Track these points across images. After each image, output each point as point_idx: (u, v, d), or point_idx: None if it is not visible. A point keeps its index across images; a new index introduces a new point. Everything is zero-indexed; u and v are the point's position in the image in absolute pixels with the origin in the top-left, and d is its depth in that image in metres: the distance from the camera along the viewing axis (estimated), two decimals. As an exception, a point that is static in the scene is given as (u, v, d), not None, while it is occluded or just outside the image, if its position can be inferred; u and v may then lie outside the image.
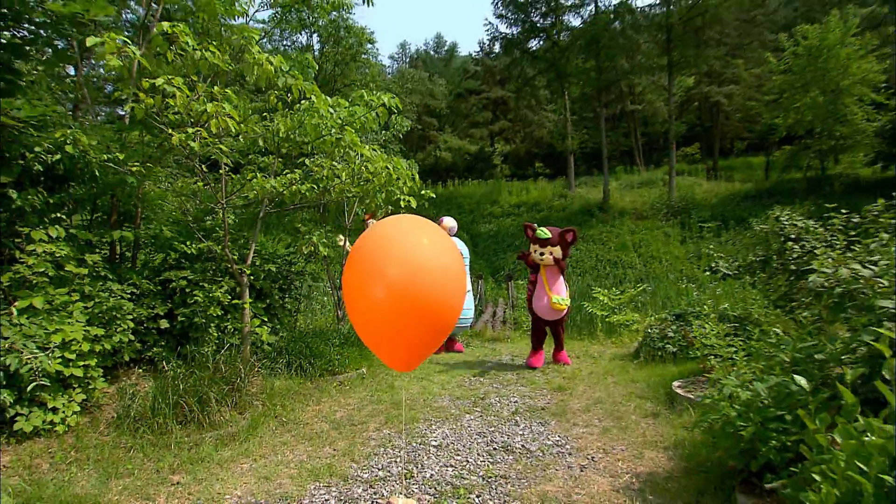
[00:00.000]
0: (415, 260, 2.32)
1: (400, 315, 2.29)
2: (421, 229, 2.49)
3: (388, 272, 2.29)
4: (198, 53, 3.57)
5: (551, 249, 5.79)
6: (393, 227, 2.50)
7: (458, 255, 2.59)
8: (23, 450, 3.27)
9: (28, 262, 3.54)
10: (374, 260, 2.35)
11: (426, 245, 2.40)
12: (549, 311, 5.77)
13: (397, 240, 2.40)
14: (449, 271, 2.42)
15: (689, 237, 15.60)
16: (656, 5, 18.69)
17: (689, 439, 3.30)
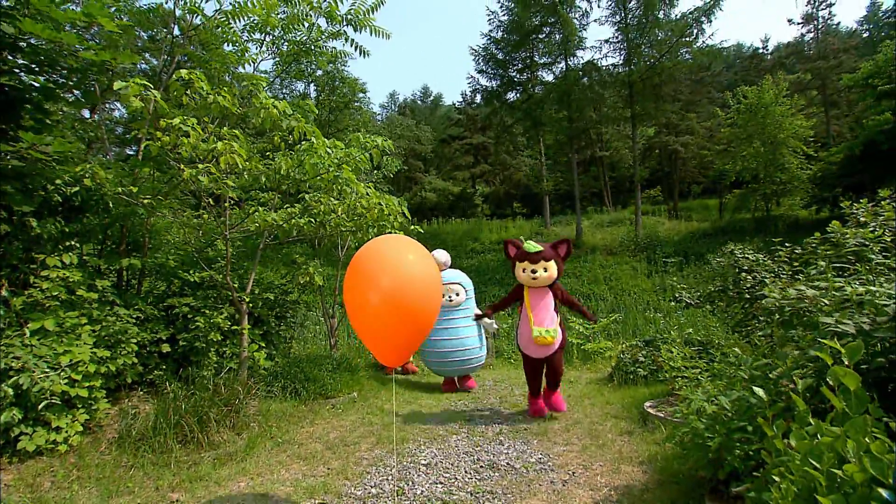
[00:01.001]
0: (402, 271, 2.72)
1: (390, 317, 2.66)
2: (406, 247, 2.90)
3: (382, 282, 2.66)
4: (210, 97, 3.68)
5: (545, 265, 4.45)
6: (384, 244, 2.92)
7: (435, 269, 2.98)
8: (25, 468, 3.14)
9: (42, 286, 3.49)
10: (370, 271, 2.72)
11: (411, 260, 2.79)
12: (533, 347, 4.45)
13: (389, 255, 2.80)
14: (428, 282, 2.81)
15: (654, 271, 15.93)
16: (619, 65, 19.70)
17: (662, 454, 3.34)
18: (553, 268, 4.45)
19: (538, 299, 4.46)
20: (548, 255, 4.47)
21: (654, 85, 19.30)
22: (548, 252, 4.50)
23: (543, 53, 21.41)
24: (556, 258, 4.48)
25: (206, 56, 4.60)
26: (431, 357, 6.02)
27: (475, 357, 6.08)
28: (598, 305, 12.97)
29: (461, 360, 5.93)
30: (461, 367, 6.00)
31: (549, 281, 4.46)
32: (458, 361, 5.91)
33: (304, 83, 18.22)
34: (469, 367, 6.06)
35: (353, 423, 4.68)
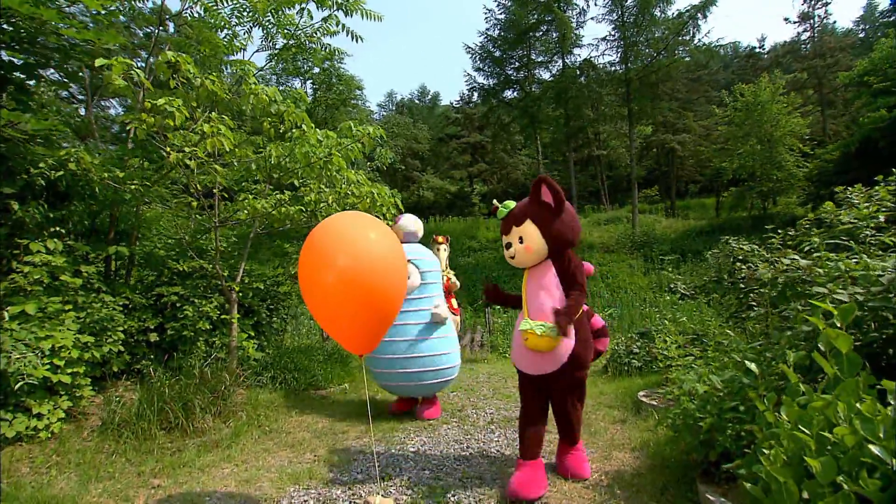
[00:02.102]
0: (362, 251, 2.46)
1: (348, 300, 2.43)
2: (368, 225, 2.64)
3: (338, 262, 2.42)
4: (198, 80, 3.61)
5: (519, 232, 2.88)
6: (344, 221, 2.65)
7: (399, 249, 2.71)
8: (3, 455, 3.07)
9: (24, 270, 3.42)
10: (326, 251, 2.48)
11: (373, 239, 2.54)
12: (523, 352, 2.85)
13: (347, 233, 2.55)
14: (391, 262, 2.57)
15: (651, 268, 15.92)
16: (616, 63, 19.70)
17: (654, 440, 3.28)
18: (533, 234, 2.80)
19: (535, 282, 2.89)
20: (517, 215, 2.88)
21: (651, 83, 19.32)
22: (517, 211, 2.90)
23: (540, 52, 21.43)
24: (535, 216, 2.82)
25: (193, 41, 4.53)
26: (376, 366, 4.24)
27: (439, 368, 4.13)
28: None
29: (415, 371, 4.09)
30: (417, 384, 4.16)
31: (534, 256, 2.85)
32: (410, 375, 4.10)
33: (301, 80, 18.15)
34: (430, 384, 4.18)
35: (343, 413, 4.61)
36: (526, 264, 3.00)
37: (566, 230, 2.86)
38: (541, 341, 2.68)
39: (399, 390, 4.36)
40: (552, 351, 2.74)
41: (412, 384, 4.19)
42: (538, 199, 2.87)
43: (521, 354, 2.91)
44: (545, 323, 2.70)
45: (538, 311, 2.83)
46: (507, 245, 3.02)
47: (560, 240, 2.85)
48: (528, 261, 2.94)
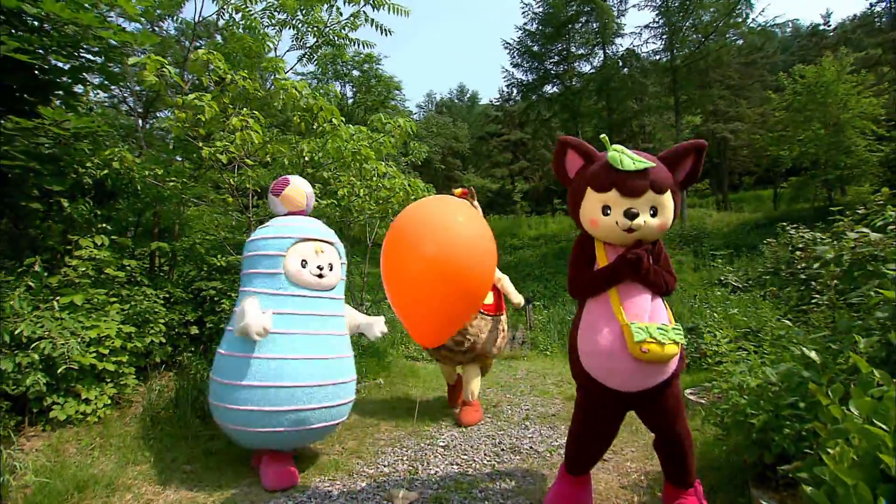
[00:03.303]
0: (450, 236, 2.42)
1: (435, 287, 2.36)
2: (455, 208, 2.62)
3: (425, 248, 2.36)
4: (228, 77, 3.67)
5: (655, 202, 2.11)
6: (430, 205, 2.69)
7: (488, 233, 2.66)
8: (56, 436, 3.22)
9: (73, 264, 3.60)
10: (413, 236, 2.45)
11: (461, 222, 2.51)
12: (626, 366, 2.03)
13: (435, 217, 2.54)
14: (479, 247, 2.52)
15: (701, 264, 14.99)
16: (661, 51, 18.74)
17: (702, 439, 2.99)
18: (670, 209, 2.15)
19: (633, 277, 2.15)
20: (661, 179, 2.08)
21: (699, 70, 18.25)
22: (660, 174, 2.10)
23: (580, 44, 20.77)
24: (677, 188, 2.17)
25: (228, 42, 4.65)
26: (226, 398, 2.65)
27: (334, 405, 2.84)
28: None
29: (297, 410, 2.64)
30: (295, 430, 2.67)
31: (658, 234, 2.19)
32: (287, 416, 2.62)
33: (340, 84, 18.54)
34: (313, 430, 2.77)
35: (376, 406, 4.57)
36: (633, 242, 2.19)
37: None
38: (666, 350, 1.97)
39: (259, 440, 2.68)
40: (671, 357, 2.02)
41: (285, 431, 2.63)
42: (687, 168, 2.17)
43: (614, 368, 2.06)
44: (666, 325, 2.03)
45: (642, 308, 2.08)
46: (628, 212, 2.08)
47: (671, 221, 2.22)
48: (646, 238, 2.19)
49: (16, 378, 3.02)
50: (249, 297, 2.77)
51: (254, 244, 2.96)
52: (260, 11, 4.78)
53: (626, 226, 2.10)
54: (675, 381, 2.15)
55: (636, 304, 2.11)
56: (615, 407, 2.20)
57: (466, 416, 3.99)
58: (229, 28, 4.81)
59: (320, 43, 5.99)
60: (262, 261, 2.88)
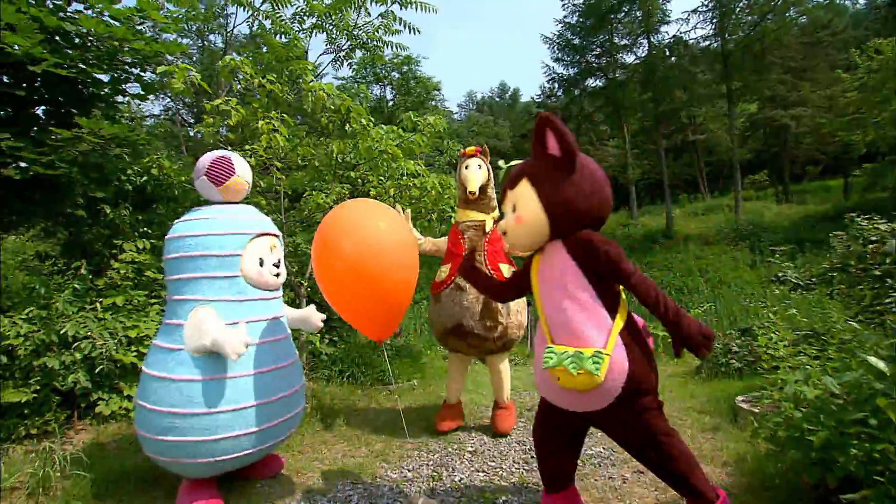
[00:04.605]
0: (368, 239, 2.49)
1: (355, 286, 2.49)
2: (377, 213, 2.66)
3: (344, 248, 2.43)
4: (256, 81, 3.71)
5: (512, 198, 2.01)
6: (352, 208, 2.69)
7: (409, 238, 2.77)
8: (100, 430, 3.37)
9: (115, 266, 3.76)
10: (333, 237, 2.51)
11: (382, 227, 2.54)
12: (555, 388, 1.92)
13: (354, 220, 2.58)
14: (398, 250, 2.58)
15: (759, 261, 13.94)
16: (710, 36, 17.60)
17: (753, 454, 2.68)
18: (527, 199, 1.92)
19: (552, 283, 1.94)
20: (514, 174, 2.03)
21: (754, 54, 16.98)
22: (515, 169, 2.06)
23: (623, 34, 19.94)
24: (533, 174, 1.94)
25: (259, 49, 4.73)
26: (147, 427, 2.30)
27: (282, 420, 2.53)
28: (692, 299, 11.61)
29: (237, 437, 2.31)
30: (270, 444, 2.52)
31: (527, 233, 1.96)
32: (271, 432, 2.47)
33: (381, 86, 18.79)
34: (255, 451, 2.45)
35: (407, 409, 4.49)
36: (521, 246, 2.06)
37: (579, 197, 1.85)
38: (579, 380, 1.74)
39: (217, 468, 2.35)
40: (590, 385, 1.76)
41: (253, 451, 2.40)
42: (542, 149, 1.93)
43: (551, 388, 1.95)
44: (581, 351, 1.75)
45: (565, 330, 1.84)
46: (500, 217, 2.13)
47: (569, 211, 1.86)
48: (521, 240, 2.00)
49: (63, 375, 3.18)
50: (202, 308, 2.31)
51: (196, 241, 2.36)
52: (290, 17, 4.84)
53: (500, 229, 2.11)
54: (630, 403, 1.82)
55: (558, 325, 1.88)
56: (568, 421, 2.04)
57: (503, 423, 3.60)
58: (262, 35, 4.90)
59: (353, 46, 6.01)
60: (211, 261, 2.35)
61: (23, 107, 3.42)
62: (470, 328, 3.32)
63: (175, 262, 2.42)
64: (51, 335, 3.13)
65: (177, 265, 2.41)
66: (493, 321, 3.32)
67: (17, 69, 3.11)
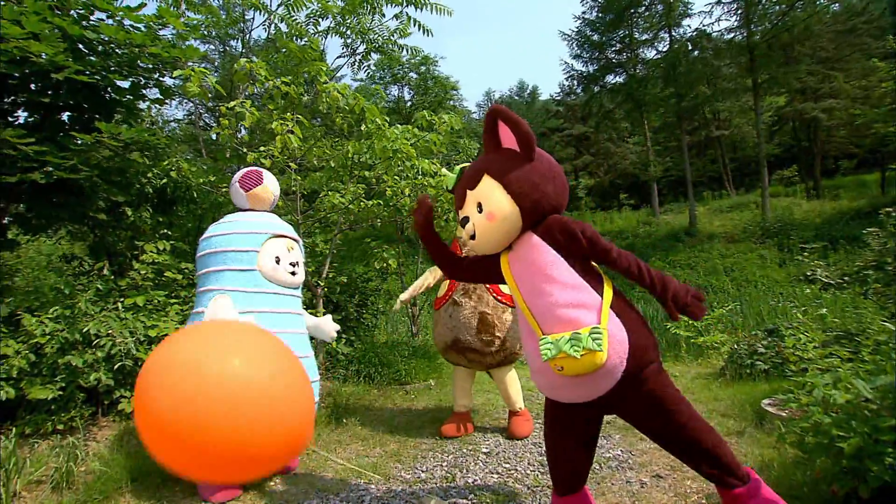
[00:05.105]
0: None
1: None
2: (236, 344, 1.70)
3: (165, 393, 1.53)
4: (270, 83, 3.75)
5: (476, 197, 1.92)
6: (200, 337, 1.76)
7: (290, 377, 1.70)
8: (122, 427, 3.45)
9: (137, 267, 3.85)
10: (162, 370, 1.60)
11: (236, 366, 1.58)
12: (560, 382, 1.81)
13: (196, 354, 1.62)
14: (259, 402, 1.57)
15: (788, 259, 13.46)
16: (735, 28, 17.07)
17: (779, 460, 2.56)
18: (495, 194, 1.86)
19: (531, 272, 1.86)
20: (470, 173, 1.97)
21: (782, 45, 16.41)
22: (470, 169, 2.01)
23: (644, 29, 19.55)
24: (494, 168, 1.89)
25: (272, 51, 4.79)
26: None
27: None
28: (717, 298, 11.28)
29: None
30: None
31: (502, 228, 1.88)
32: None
33: (398, 87, 18.89)
34: None
35: (423, 409, 4.48)
36: (495, 245, 1.96)
37: (545, 182, 1.86)
38: (584, 362, 1.64)
39: None
40: (596, 365, 1.65)
41: None
42: (495, 143, 1.94)
43: (552, 383, 1.85)
44: (578, 332, 1.66)
45: (554, 317, 1.76)
46: (462, 222, 1.97)
47: (538, 197, 1.84)
48: (495, 238, 1.92)
49: (87, 372, 3.27)
50: (220, 297, 2.55)
51: (221, 239, 2.71)
52: (304, 19, 4.89)
53: (465, 236, 2.00)
54: (645, 377, 1.77)
55: (545, 312, 1.81)
56: (578, 418, 1.94)
57: (519, 428, 3.55)
58: (277, 37, 4.96)
59: (368, 50, 6.04)
60: (233, 256, 2.67)
61: (49, 113, 3.53)
62: (467, 343, 3.34)
63: (203, 258, 2.77)
64: (75, 334, 3.21)
65: (204, 261, 2.76)
66: (490, 335, 3.32)
67: (42, 77, 3.20)
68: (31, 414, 3.22)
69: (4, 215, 3.49)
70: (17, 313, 3.30)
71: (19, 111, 3.57)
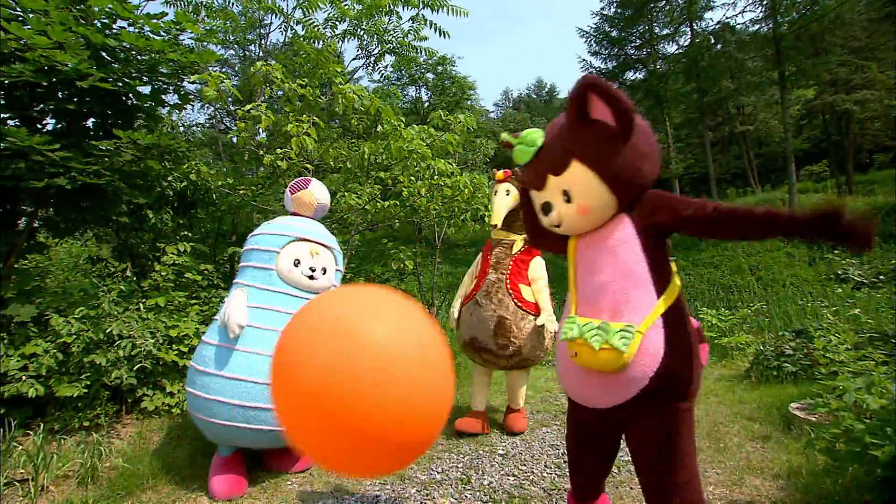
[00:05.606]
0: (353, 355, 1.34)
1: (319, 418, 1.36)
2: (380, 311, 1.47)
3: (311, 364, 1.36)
4: (286, 85, 3.79)
5: (562, 184, 1.66)
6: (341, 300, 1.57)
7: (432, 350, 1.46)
8: (145, 425, 3.53)
9: (157, 268, 3.94)
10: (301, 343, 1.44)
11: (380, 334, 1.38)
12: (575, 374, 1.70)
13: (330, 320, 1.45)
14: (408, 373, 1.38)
15: (818, 257, 12.96)
16: (760, 20, 16.53)
17: (808, 467, 2.46)
18: (588, 183, 1.63)
19: (598, 243, 1.71)
20: (555, 156, 1.67)
21: (811, 36, 15.81)
22: (554, 150, 1.69)
23: (664, 23, 19.14)
24: (585, 152, 1.62)
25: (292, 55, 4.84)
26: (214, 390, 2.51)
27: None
28: (741, 298, 10.94)
29: None
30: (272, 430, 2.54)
31: (594, 219, 1.70)
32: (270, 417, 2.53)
33: (416, 87, 18.94)
34: None
35: (440, 408, 4.46)
36: (579, 232, 1.78)
37: (643, 162, 1.61)
38: (601, 357, 1.50)
39: (223, 434, 2.58)
40: (618, 365, 1.50)
41: (250, 429, 2.51)
42: (584, 116, 1.60)
43: (569, 375, 1.75)
44: (608, 323, 1.52)
45: (596, 302, 1.62)
46: (543, 208, 1.77)
47: (637, 182, 1.63)
48: (584, 228, 1.74)
49: (110, 371, 3.35)
50: (238, 289, 2.76)
51: (252, 238, 2.95)
52: (322, 23, 4.93)
53: (546, 222, 1.82)
54: (667, 410, 1.56)
55: (593, 286, 1.66)
56: (590, 424, 1.81)
57: (517, 424, 3.66)
58: (294, 41, 5.01)
59: (383, 51, 6.05)
60: (257, 255, 2.84)
61: (75, 120, 3.64)
62: (484, 343, 3.43)
63: (242, 253, 3.02)
64: (99, 334, 3.30)
65: (242, 255, 3.01)
66: (506, 339, 3.36)
67: (68, 85, 3.30)
68: (59, 411, 3.32)
69: (34, 219, 3.61)
70: (46, 313, 3.40)
71: (47, 118, 3.69)
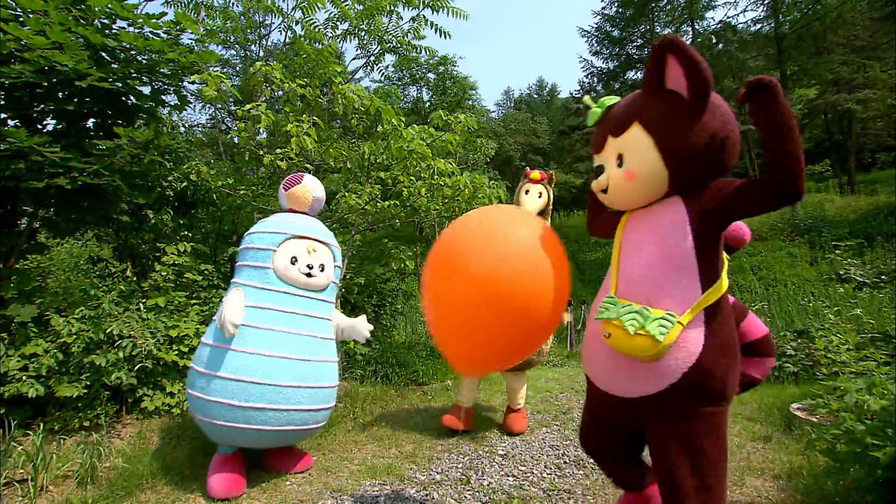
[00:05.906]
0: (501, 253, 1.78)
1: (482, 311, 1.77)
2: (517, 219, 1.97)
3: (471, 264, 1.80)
4: (286, 85, 3.78)
5: (618, 147, 1.62)
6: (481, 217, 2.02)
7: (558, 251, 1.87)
8: (145, 424, 3.53)
9: (158, 268, 3.94)
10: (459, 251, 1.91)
11: (525, 235, 1.84)
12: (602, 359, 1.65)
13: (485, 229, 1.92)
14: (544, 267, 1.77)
15: (819, 257, 12.92)
16: (761, 19, 16.48)
17: (808, 468, 2.45)
18: (641, 148, 1.55)
19: (642, 232, 1.64)
20: (619, 116, 1.63)
21: (813, 35, 15.78)
22: (620, 110, 1.65)
23: (666, 23, 19.09)
24: (648, 116, 1.55)
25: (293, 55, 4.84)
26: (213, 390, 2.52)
27: (316, 409, 2.74)
28: (743, 298, 10.92)
29: (284, 410, 2.57)
30: (277, 429, 2.59)
31: (640, 190, 1.61)
32: (276, 414, 2.56)
33: (417, 88, 18.92)
34: (293, 431, 2.68)
35: (441, 410, 4.45)
36: (628, 204, 1.70)
37: (712, 144, 1.48)
38: (634, 342, 1.44)
39: (224, 435, 2.60)
40: (654, 360, 1.46)
41: (250, 429, 2.52)
42: (658, 83, 1.53)
43: (597, 358, 1.68)
44: (648, 308, 1.45)
45: (636, 281, 1.55)
46: (597, 171, 1.73)
47: (698, 162, 1.51)
48: (630, 199, 1.66)
49: (110, 371, 3.35)
50: (235, 289, 2.72)
51: (248, 237, 2.91)
52: (322, 23, 4.92)
53: (595, 187, 1.77)
54: (685, 400, 1.48)
55: (632, 266, 1.59)
56: (607, 415, 1.73)
57: (516, 424, 3.69)
58: (294, 41, 5.01)
59: (383, 51, 6.05)
60: (253, 254, 2.80)
61: (75, 120, 3.64)
62: None
63: (239, 252, 2.96)
64: (99, 334, 3.30)
65: (239, 254, 2.95)
66: None
67: (67, 85, 3.30)
68: (59, 411, 3.32)
69: (34, 219, 3.61)
70: (47, 314, 3.40)
71: (47, 119, 3.69)
